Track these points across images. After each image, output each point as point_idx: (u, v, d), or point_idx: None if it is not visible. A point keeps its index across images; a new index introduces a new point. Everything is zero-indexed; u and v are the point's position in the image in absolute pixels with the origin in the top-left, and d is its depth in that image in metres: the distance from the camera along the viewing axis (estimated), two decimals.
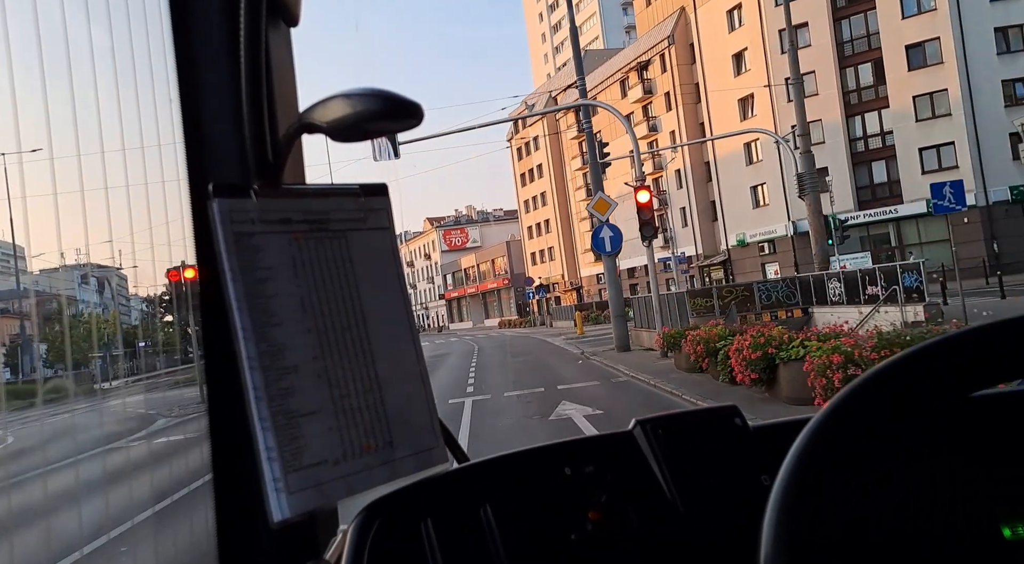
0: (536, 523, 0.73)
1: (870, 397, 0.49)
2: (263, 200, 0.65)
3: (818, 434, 0.49)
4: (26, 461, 9.84)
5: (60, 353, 15.78)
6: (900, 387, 0.49)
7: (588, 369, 16.06)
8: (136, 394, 16.60)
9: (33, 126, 1.43)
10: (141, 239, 1.37)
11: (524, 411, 10.88)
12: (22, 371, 16.94)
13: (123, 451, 10.61)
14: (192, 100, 0.69)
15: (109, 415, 13.98)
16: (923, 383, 0.49)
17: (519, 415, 10.59)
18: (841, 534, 0.58)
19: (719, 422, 0.82)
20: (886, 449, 0.49)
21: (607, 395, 11.59)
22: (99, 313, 21.62)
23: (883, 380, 0.50)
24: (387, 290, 0.72)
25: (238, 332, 0.61)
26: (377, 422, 0.68)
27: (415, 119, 0.65)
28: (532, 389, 13.03)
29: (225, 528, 0.69)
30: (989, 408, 0.71)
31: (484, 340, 37.92)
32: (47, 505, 6.67)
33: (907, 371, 0.50)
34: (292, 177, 0.74)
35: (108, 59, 0.86)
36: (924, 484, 0.66)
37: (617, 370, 14.63)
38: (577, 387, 12.64)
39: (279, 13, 0.74)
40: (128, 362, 17.29)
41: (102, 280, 22.44)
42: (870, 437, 0.48)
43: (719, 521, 0.74)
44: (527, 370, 17.57)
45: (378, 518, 0.71)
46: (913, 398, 0.49)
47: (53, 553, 5.52)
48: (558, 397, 11.45)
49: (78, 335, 15.38)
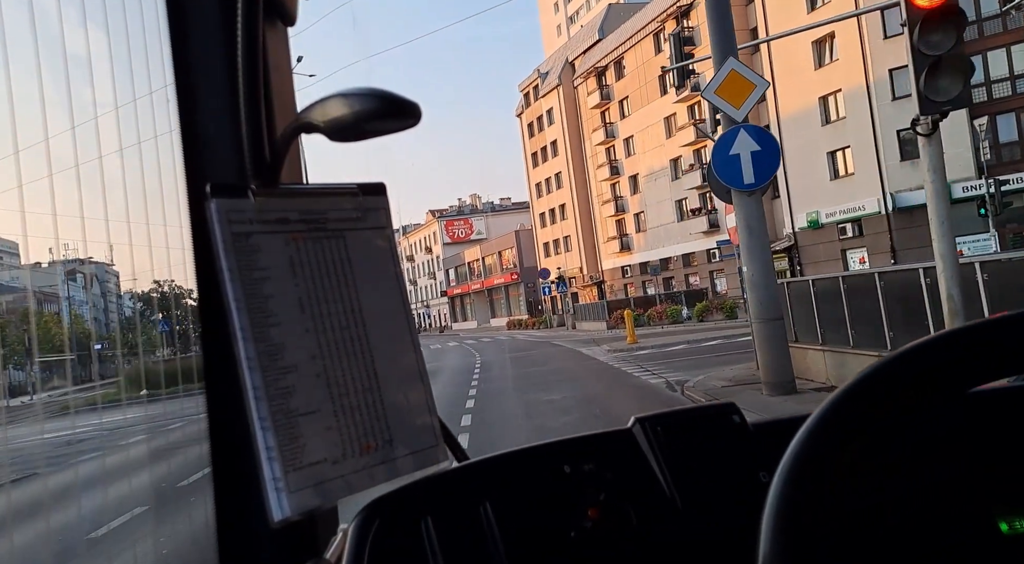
0: (536, 521, 0.77)
1: (868, 394, 0.51)
2: (261, 200, 0.68)
3: (816, 431, 0.51)
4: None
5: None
6: (898, 383, 0.51)
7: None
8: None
9: (30, 125, 1.47)
10: (138, 239, 1.41)
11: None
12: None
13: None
14: (189, 100, 0.72)
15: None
16: (921, 379, 0.51)
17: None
18: (840, 530, 0.62)
19: (718, 419, 0.86)
20: (884, 445, 0.52)
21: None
22: (78, 312, 21.54)
23: (881, 377, 0.52)
24: (386, 289, 0.75)
25: (236, 332, 0.64)
26: (376, 421, 0.71)
27: (413, 118, 0.68)
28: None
29: (225, 528, 0.73)
30: (987, 404, 0.75)
31: (490, 349, 28.87)
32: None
33: (905, 367, 0.52)
34: (290, 177, 0.78)
35: (105, 59, 0.90)
36: (922, 480, 0.70)
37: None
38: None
39: (276, 12, 0.78)
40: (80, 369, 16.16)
41: (89, 277, 22.48)
42: (868, 434, 0.50)
43: (718, 518, 0.78)
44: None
45: (378, 517, 0.75)
46: (911, 394, 0.51)
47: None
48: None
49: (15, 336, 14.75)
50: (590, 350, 21.91)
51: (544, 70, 61.57)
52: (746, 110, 9.04)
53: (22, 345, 14.29)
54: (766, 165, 8.99)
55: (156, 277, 6.41)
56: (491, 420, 10.49)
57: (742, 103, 9.04)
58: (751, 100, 9.05)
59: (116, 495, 7.86)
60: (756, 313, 9.34)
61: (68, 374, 15.17)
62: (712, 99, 9.21)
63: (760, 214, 9.36)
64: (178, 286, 6.01)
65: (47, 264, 14.75)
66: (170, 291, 7.18)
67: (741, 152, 8.94)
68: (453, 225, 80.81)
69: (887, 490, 0.68)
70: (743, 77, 9.09)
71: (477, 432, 9.63)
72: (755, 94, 9.09)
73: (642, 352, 18.96)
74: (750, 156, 8.93)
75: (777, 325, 9.29)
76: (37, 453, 11.44)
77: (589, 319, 38.53)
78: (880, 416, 0.51)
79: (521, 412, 11.09)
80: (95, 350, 16.96)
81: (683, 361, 15.39)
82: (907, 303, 8.60)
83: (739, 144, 8.96)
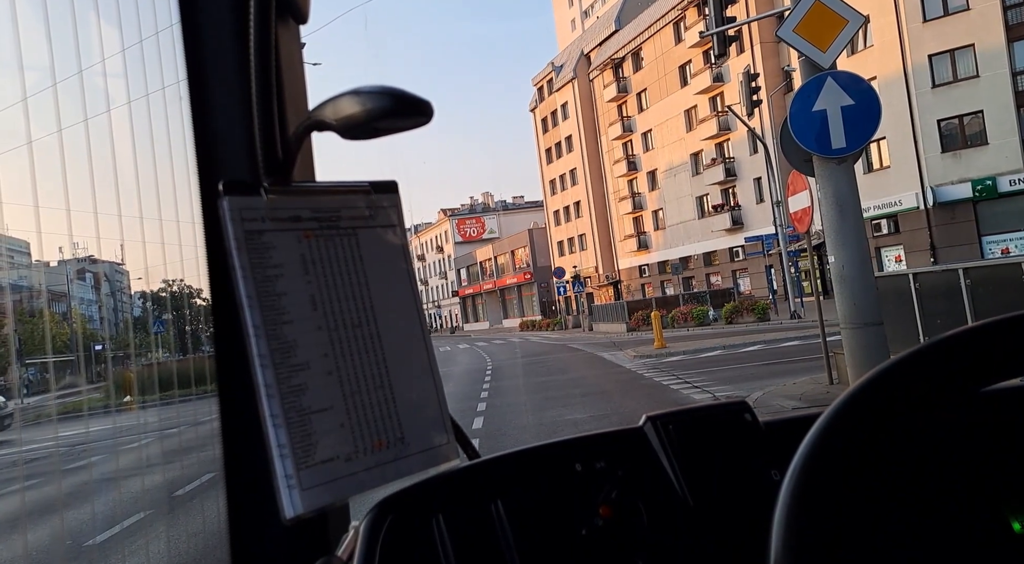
0: (547, 519, 0.79)
1: (881, 392, 0.52)
2: (273, 198, 0.70)
3: (828, 429, 0.52)
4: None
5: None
6: (911, 382, 0.52)
7: None
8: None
9: (43, 122, 1.50)
10: (151, 236, 1.43)
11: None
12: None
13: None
14: (202, 98, 0.74)
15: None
16: (934, 378, 0.52)
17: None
18: (851, 528, 0.63)
19: (729, 417, 0.87)
20: (896, 444, 0.53)
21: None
22: (82, 311, 21.75)
23: (894, 375, 0.53)
24: (397, 287, 0.77)
25: (249, 330, 0.66)
26: (388, 419, 0.73)
27: (425, 117, 0.69)
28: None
29: (237, 525, 0.75)
30: (999, 403, 0.76)
31: (502, 353, 27.24)
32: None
33: (918, 366, 0.53)
34: (302, 175, 0.80)
35: (118, 58, 0.93)
36: (934, 479, 0.71)
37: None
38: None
39: (288, 10, 0.80)
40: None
41: (98, 276, 22.72)
42: (880, 432, 0.51)
43: (730, 516, 0.80)
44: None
45: (390, 514, 0.77)
46: (924, 393, 0.52)
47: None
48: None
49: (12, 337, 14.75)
50: (612, 355, 20.22)
51: (559, 63, 61.34)
52: (835, 54, 7.04)
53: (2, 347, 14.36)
54: (862, 124, 6.91)
55: (167, 276, 6.49)
56: (505, 447, 9.63)
57: (830, 44, 7.02)
58: (841, 40, 7.04)
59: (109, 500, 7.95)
60: (848, 316, 7.31)
61: (53, 379, 15.19)
62: (790, 40, 7.12)
63: (853, 188, 7.23)
64: (188, 285, 6.08)
65: (56, 263, 14.92)
66: (180, 291, 7.26)
67: (828, 108, 6.91)
68: (465, 224, 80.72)
69: (899, 488, 0.69)
70: (831, 10, 7.00)
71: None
72: (846, 32, 7.00)
73: (673, 359, 17.41)
74: (840, 113, 6.89)
75: (876, 332, 7.26)
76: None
77: (606, 320, 37.34)
78: (892, 414, 0.52)
79: (539, 436, 9.55)
80: (94, 351, 17.05)
81: (725, 371, 13.85)
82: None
83: (825, 97, 6.93)
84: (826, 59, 7.08)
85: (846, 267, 7.32)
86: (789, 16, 7.22)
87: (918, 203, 30.08)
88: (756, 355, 16.78)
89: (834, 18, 7.09)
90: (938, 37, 28.73)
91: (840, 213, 7.27)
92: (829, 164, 7.21)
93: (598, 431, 0.90)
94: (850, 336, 7.42)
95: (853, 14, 7.11)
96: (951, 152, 28.85)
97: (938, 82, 29.00)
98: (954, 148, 28.91)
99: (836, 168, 7.22)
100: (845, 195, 7.25)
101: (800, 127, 7.11)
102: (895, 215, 31.29)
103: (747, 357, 16.56)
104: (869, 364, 7.23)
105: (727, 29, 12.68)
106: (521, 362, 22.12)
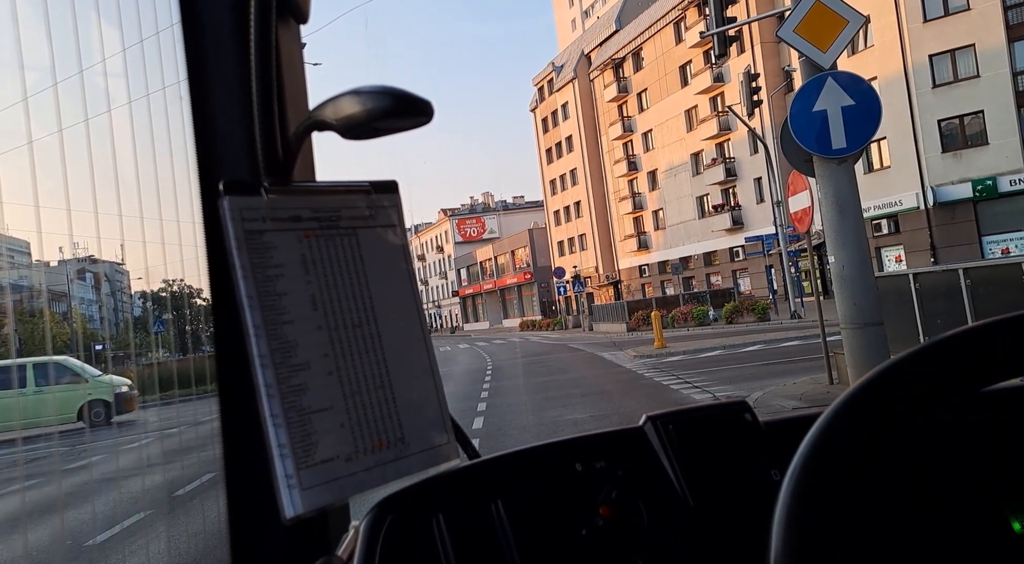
0: (547, 519, 0.79)
1: (881, 393, 0.52)
2: (273, 198, 0.70)
3: (828, 429, 0.52)
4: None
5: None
6: (911, 382, 0.52)
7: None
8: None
9: (44, 122, 1.50)
10: (151, 237, 1.44)
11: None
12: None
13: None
14: (202, 98, 0.74)
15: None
16: (934, 378, 0.52)
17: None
18: (851, 528, 0.63)
19: (729, 417, 0.87)
20: (896, 444, 0.53)
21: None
22: (82, 311, 21.82)
23: (894, 376, 0.53)
24: (398, 287, 0.77)
25: (249, 330, 0.66)
26: (388, 419, 0.73)
27: (426, 117, 0.69)
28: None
29: (237, 525, 0.75)
30: (999, 403, 0.77)
31: (502, 353, 27.38)
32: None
33: (918, 367, 0.53)
34: (302, 175, 0.80)
35: (118, 57, 0.93)
36: (934, 479, 0.71)
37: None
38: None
39: (289, 10, 0.80)
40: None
41: (99, 276, 22.79)
42: (880, 432, 0.51)
43: (730, 516, 0.80)
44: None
45: (390, 514, 0.77)
46: (924, 393, 0.52)
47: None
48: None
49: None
50: (613, 355, 20.48)
51: (559, 63, 61.42)
52: (835, 54, 7.11)
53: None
54: (862, 124, 6.99)
55: (167, 276, 6.51)
56: (505, 447, 9.65)
57: (830, 44, 7.08)
58: (842, 40, 7.10)
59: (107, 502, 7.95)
60: (848, 316, 7.38)
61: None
62: (791, 40, 7.20)
63: (853, 188, 7.32)
64: (188, 285, 6.10)
65: (56, 263, 14.97)
66: (180, 291, 7.28)
67: (828, 108, 6.99)
68: (465, 224, 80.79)
69: (899, 488, 0.69)
70: (831, 10, 7.06)
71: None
72: (847, 32, 7.06)
73: (673, 358, 17.57)
74: (840, 113, 6.97)
75: (876, 332, 7.32)
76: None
77: (606, 320, 37.43)
78: (892, 414, 0.52)
79: (539, 436, 9.66)
80: (95, 350, 17.05)
81: (725, 371, 13.99)
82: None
83: (826, 97, 7.01)
84: (826, 59, 7.20)
85: (846, 267, 7.42)
86: (789, 16, 7.32)
87: (918, 203, 30.25)
88: (756, 355, 16.92)
89: (834, 18, 7.19)
90: (938, 37, 28.84)
91: (840, 213, 7.38)
92: (829, 164, 7.34)
93: (598, 431, 0.90)
94: (850, 336, 7.51)
95: (853, 14, 7.20)
96: (951, 152, 28.96)
97: (938, 82, 29.11)
98: (954, 148, 29.01)
99: (836, 168, 7.34)
100: (845, 195, 7.35)
101: (800, 127, 7.21)
102: (895, 215, 31.47)
103: (747, 357, 16.69)
104: (869, 364, 7.24)
105: (727, 29, 12.86)
106: (521, 362, 22.35)
